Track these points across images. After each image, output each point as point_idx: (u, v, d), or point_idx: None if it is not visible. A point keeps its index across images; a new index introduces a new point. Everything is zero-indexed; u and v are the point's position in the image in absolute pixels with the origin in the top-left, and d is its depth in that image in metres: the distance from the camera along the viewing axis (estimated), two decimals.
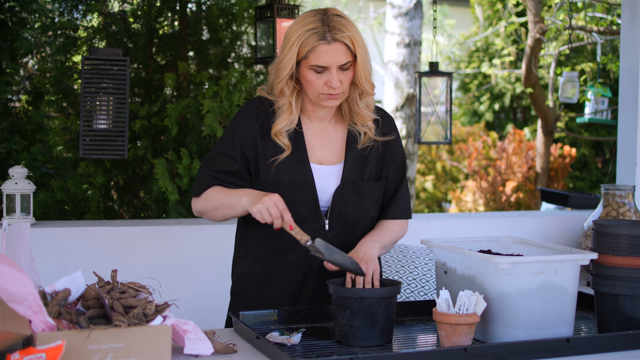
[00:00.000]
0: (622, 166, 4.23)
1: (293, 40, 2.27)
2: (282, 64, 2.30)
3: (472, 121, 11.12)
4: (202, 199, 2.40)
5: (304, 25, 2.27)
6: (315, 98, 2.34)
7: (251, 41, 5.04)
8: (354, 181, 2.41)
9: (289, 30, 2.31)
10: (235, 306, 2.51)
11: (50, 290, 1.88)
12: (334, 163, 2.42)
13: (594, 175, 9.81)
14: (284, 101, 2.35)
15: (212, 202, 2.36)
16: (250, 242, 2.46)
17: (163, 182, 4.22)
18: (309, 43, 2.25)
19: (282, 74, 2.31)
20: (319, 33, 2.24)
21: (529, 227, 4.18)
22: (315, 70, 2.28)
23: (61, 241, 3.49)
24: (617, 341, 2.11)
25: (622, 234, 2.19)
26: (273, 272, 2.42)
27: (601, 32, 6.38)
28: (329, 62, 2.26)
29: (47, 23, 5.04)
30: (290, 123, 2.36)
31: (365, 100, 2.39)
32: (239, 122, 2.41)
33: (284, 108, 2.36)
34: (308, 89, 2.32)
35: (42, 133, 5.34)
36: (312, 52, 2.25)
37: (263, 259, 2.43)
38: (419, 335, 2.29)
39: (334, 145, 2.44)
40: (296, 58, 2.28)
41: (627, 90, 4.20)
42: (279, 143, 2.36)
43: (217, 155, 2.41)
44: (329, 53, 2.25)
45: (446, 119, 4.64)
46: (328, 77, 2.27)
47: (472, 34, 11.11)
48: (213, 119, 4.34)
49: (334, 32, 2.24)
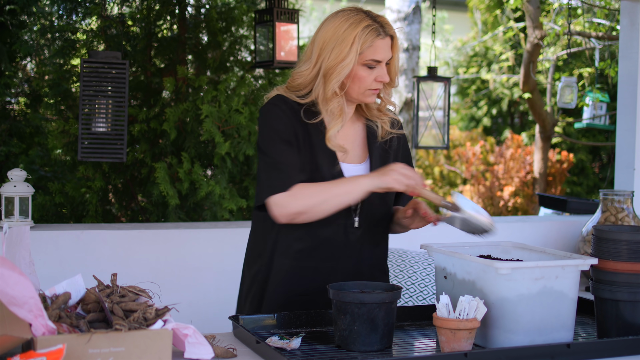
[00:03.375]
0: (620, 171, 4.23)
1: (351, 39, 2.29)
2: (342, 64, 2.30)
3: (469, 126, 11.13)
4: (299, 197, 2.28)
5: (358, 23, 2.30)
6: (360, 95, 2.36)
7: (250, 45, 5.04)
8: None
9: (337, 30, 2.31)
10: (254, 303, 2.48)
11: (51, 294, 1.88)
12: (357, 162, 2.44)
13: (591, 180, 9.81)
14: (336, 103, 2.35)
15: (317, 196, 2.28)
16: (280, 239, 2.42)
17: (164, 186, 4.21)
18: (369, 39, 2.29)
19: (340, 74, 2.31)
20: (376, 29, 2.30)
21: (527, 232, 4.18)
22: (368, 66, 2.31)
23: (60, 244, 3.48)
24: (617, 346, 2.11)
25: (622, 239, 2.19)
26: (302, 269, 2.41)
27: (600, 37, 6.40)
28: (383, 56, 2.32)
29: (46, 26, 5.04)
30: (341, 125, 2.38)
31: (387, 92, 2.46)
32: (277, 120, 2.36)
33: (336, 112, 2.35)
34: (355, 86, 2.34)
35: (41, 136, 5.33)
36: (370, 48, 2.30)
37: (294, 255, 2.41)
38: (418, 340, 2.28)
39: (354, 144, 2.46)
40: (357, 57, 2.30)
41: (625, 95, 4.21)
42: (333, 148, 2.35)
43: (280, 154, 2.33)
44: (384, 48, 2.32)
45: (444, 123, 4.64)
46: (379, 72, 2.33)
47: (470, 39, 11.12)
48: (212, 124, 4.34)
49: (386, 28, 2.33)
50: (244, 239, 3.72)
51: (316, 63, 2.34)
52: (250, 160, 4.69)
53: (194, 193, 4.49)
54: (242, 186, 4.78)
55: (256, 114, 4.60)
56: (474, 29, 10.96)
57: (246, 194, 4.77)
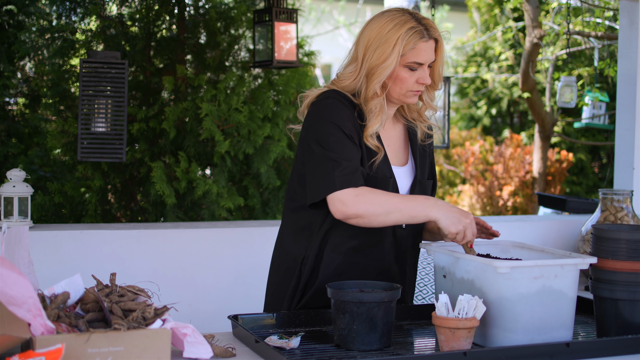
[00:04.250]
0: (619, 171, 4.23)
1: (394, 40, 2.28)
2: (384, 65, 2.30)
3: (469, 126, 11.13)
4: (364, 201, 2.23)
5: (402, 25, 2.29)
6: (401, 96, 2.37)
7: (249, 45, 5.04)
8: (421, 180, 2.46)
9: (379, 31, 2.30)
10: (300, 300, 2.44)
11: (49, 294, 1.87)
12: (400, 164, 2.46)
13: (590, 180, 9.81)
14: (377, 102, 2.34)
15: (382, 207, 2.23)
16: (334, 235, 2.38)
17: (160, 185, 4.21)
18: (412, 41, 2.29)
19: (382, 74, 2.31)
20: (419, 31, 2.29)
21: (526, 232, 4.18)
22: (410, 68, 2.32)
23: (59, 244, 3.48)
24: (616, 345, 2.11)
25: (621, 238, 2.19)
26: (351, 265, 2.41)
27: (599, 37, 6.40)
28: (425, 59, 2.32)
29: (45, 26, 5.04)
30: (381, 125, 2.36)
31: (430, 94, 2.47)
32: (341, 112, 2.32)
33: (376, 110, 2.35)
34: (397, 87, 2.34)
35: (40, 136, 5.33)
36: (412, 50, 2.29)
37: (347, 251, 2.40)
38: (417, 339, 2.28)
39: (396, 145, 2.47)
40: (399, 58, 2.30)
41: (624, 95, 4.21)
42: (371, 146, 2.35)
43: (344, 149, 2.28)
44: (427, 50, 2.32)
45: (444, 123, 4.64)
46: (420, 74, 2.33)
47: (469, 39, 11.12)
48: (211, 123, 4.34)
49: (431, 31, 2.32)
50: (243, 238, 3.74)
51: (361, 63, 2.34)
52: (250, 159, 4.69)
53: (192, 192, 4.49)
54: (242, 185, 4.78)
55: (256, 113, 4.60)
56: (473, 28, 10.95)
57: (245, 193, 4.77)
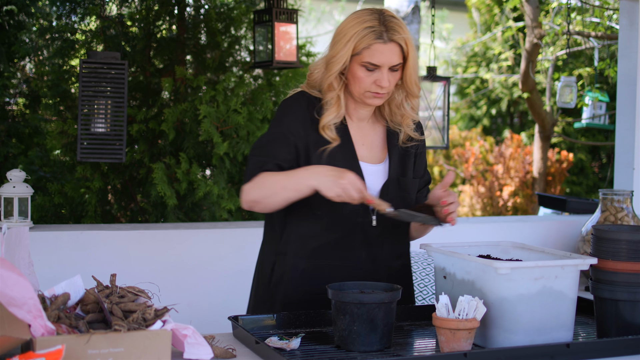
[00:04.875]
0: (619, 171, 4.23)
1: (349, 35, 2.29)
2: (335, 58, 2.31)
3: (469, 126, 11.13)
4: (254, 187, 2.29)
5: (361, 23, 2.29)
6: (360, 95, 2.36)
7: (249, 45, 5.04)
8: (399, 178, 2.44)
9: (343, 25, 2.32)
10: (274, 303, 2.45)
11: (50, 295, 1.87)
12: (376, 162, 2.44)
13: (590, 180, 9.81)
14: (332, 95, 2.35)
15: (269, 188, 2.28)
16: (295, 237, 2.40)
17: (161, 186, 4.21)
18: (366, 40, 2.27)
19: (334, 67, 2.32)
20: (376, 32, 2.27)
21: (527, 232, 4.18)
22: (366, 68, 2.30)
23: (59, 245, 3.48)
24: (617, 346, 2.11)
25: (621, 239, 2.19)
26: (319, 268, 2.40)
27: (599, 37, 6.39)
28: (382, 62, 2.29)
29: (44, 26, 5.04)
30: (338, 116, 2.37)
31: (411, 102, 2.44)
32: (290, 113, 2.38)
33: (331, 102, 2.36)
34: (355, 85, 2.34)
35: (39, 136, 5.33)
36: (367, 50, 2.28)
37: (309, 253, 2.39)
38: (418, 340, 2.28)
39: (373, 144, 2.46)
40: (350, 53, 2.29)
41: (625, 95, 4.21)
42: (326, 137, 2.36)
43: (268, 143, 2.35)
44: (384, 52, 2.28)
45: (444, 123, 4.64)
46: (378, 76, 2.30)
47: (469, 39, 11.11)
48: (210, 124, 4.34)
49: (391, 33, 2.28)
50: (244, 239, 3.74)
51: (325, 55, 2.38)
52: None
53: (192, 193, 4.49)
54: (241, 186, 4.77)
55: (255, 114, 4.60)
56: (473, 28, 10.95)
57: None
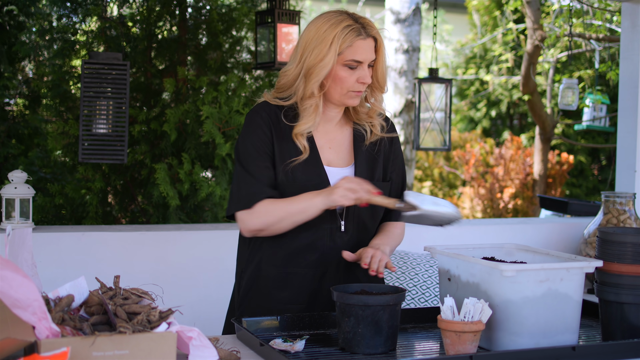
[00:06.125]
0: (621, 173, 4.23)
1: (330, 38, 2.28)
2: (321, 63, 2.30)
3: (468, 128, 11.13)
4: (258, 216, 2.33)
5: (337, 23, 2.29)
6: (342, 97, 2.35)
7: (251, 46, 5.03)
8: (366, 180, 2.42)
9: (316, 31, 2.31)
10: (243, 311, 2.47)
11: (54, 296, 1.86)
12: (343, 165, 2.43)
13: (590, 182, 9.82)
14: (312, 102, 2.35)
15: (275, 215, 2.31)
16: (266, 245, 2.42)
17: (164, 187, 4.20)
18: (348, 39, 2.28)
19: (320, 73, 2.31)
20: (356, 29, 2.29)
21: (529, 234, 4.17)
22: (349, 67, 2.31)
23: (61, 246, 3.47)
24: (622, 349, 2.10)
25: (627, 241, 2.19)
26: (289, 276, 2.40)
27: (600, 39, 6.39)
28: (364, 57, 2.31)
29: (45, 27, 5.03)
30: (313, 124, 2.36)
31: (376, 97, 2.45)
32: (256, 130, 2.38)
33: (310, 109, 2.35)
34: (337, 87, 2.33)
35: (40, 137, 5.31)
36: (349, 48, 2.29)
37: (279, 261, 2.40)
38: (422, 342, 2.28)
39: (341, 147, 2.45)
40: (336, 56, 2.29)
41: (626, 97, 4.21)
42: (298, 144, 2.35)
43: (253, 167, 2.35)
44: (365, 48, 2.31)
45: (445, 125, 4.63)
46: (360, 73, 2.32)
47: (469, 41, 11.11)
48: (212, 125, 4.33)
49: (368, 29, 2.31)
50: None
51: (299, 62, 2.35)
52: None
53: (195, 194, 4.48)
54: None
55: None
56: (473, 30, 10.95)
57: None
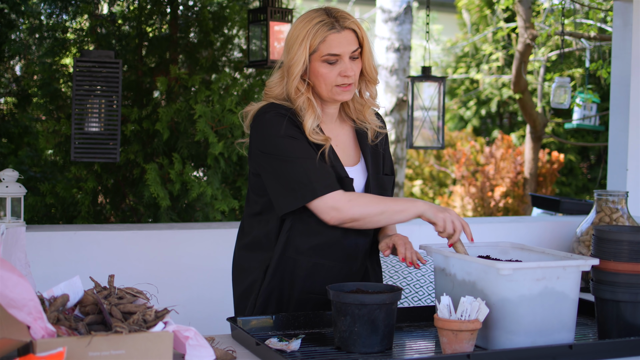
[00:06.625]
0: (613, 172, 4.24)
1: (302, 35, 2.28)
2: (293, 60, 2.29)
3: (458, 126, 11.15)
4: (359, 204, 2.26)
5: (310, 21, 2.29)
6: (329, 93, 2.33)
7: (242, 45, 5.01)
8: (377, 176, 2.43)
9: (293, 30, 2.32)
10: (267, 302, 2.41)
11: (48, 296, 1.84)
12: (352, 164, 2.42)
13: (579, 181, 9.85)
14: (303, 98, 2.33)
15: (377, 207, 2.27)
16: (297, 233, 2.36)
17: (155, 187, 4.18)
18: (320, 34, 2.26)
19: (294, 71, 2.30)
20: (328, 23, 2.27)
21: (522, 233, 4.17)
22: (328, 62, 2.29)
23: (52, 245, 3.44)
24: (619, 347, 2.10)
25: (623, 239, 2.19)
26: (317, 267, 2.37)
27: (591, 38, 6.41)
28: (341, 50, 2.28)
29: (35, 25, 4.99)
30: (317, 118, 2.34)
31: (370, 90, 2.43)
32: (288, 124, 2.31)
33: (304, 105, 2.33)
34: (321, 84, 2.32)
35: (30, 136, 5.28)
36: (323, 43, 2.27)
37: (308, 252, 2.37)
38: (417, 341, 2.27)
39: (346, 144, 2.45)
40: (308, 52, 2.28)
41: (618, 96, 4.22)
42: (317, 140, 2.31)
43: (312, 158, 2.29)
44: (341, 41, 2.28)
45: (438, 123, 4.63)
46: (342, 67, 2.29)
47: (459, 40, 11.13)
48: (205, 124, 4.31)
49: (342, 21, 2.29)
50: None
51: (282, 65, 2.36)
52: (244, 161, 4.66)
53: (186, 194, 4.46)
54: (235, 186, 4.75)
55: None
56: (463, 29, 10.97)
57: (239, 195, 4.74)
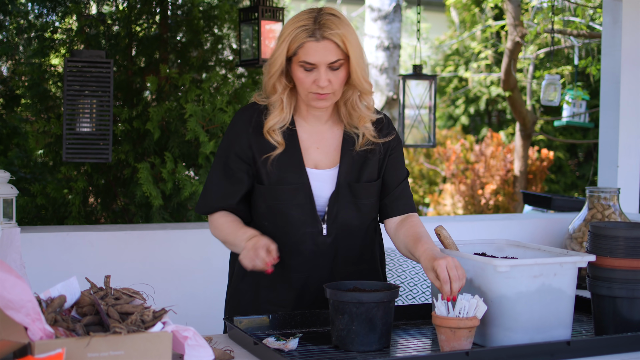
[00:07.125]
0: (603, 169, 4.26)
1: (284, 36, 2.27)
2: (272, 58, 2.30)
3: (448, 124, 11.17)
4: (212, 226, 2.43)
5: (296, 22, 2.26)
6: (305, 97, 2.32)
7: (232, 44, 5.00)
8: (350, 183, 2.36)
9: (283, 27, 2.32)
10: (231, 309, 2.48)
11: (45, 297, 1.83)
12: (329, 166, 2.39)
13: (569, 178, 9.89)
14: (276, 98, 2.33)
15: (220, 234, 2.40)
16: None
17: (147, 186, 4.16)
18: (298, 39, 2.24)
19: (272, 69, 2.30)
20: (308, 30, 2.23)
21: (514, 230, 4.18)
22: (304, 68, 2.26)
23: (45, 246, 3.42)
24: (616, 343, 2.11)
25: (619, 235, 2.20)
26: (275, 277, 2.37)
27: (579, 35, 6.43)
28: (317, 60, 2.24)
29: (23, 25, 4.96)
30: (282, 120, 2.34)
31: (366, 101, 2.38)
32: (234, 133, 2.40)
33: (275, 104, 2.33)
34: (299, 87, 2.31)
35: (19, 137, 5.24)
36: (300, 49, 2.24)
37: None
38: (415, 339, 2.27)
39: (329, 147, 2.41)
40: (286, 54, 2.27)
41: (608, 93, 4.23)
42: (272, 141, 2.33)
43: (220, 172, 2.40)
44: (318, 51, 2.23)
45: (429, 122, 4.64)
46: (316, 76, 2.25)
47: (447, 38, 11.15)
48: (196, 123, 4.30)
49: (323, 30, 2.23)
50: None
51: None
52: None
53: (178, 193, 4.44)
54: None
55: None
56: (451, 27, 10.99)
57: None
